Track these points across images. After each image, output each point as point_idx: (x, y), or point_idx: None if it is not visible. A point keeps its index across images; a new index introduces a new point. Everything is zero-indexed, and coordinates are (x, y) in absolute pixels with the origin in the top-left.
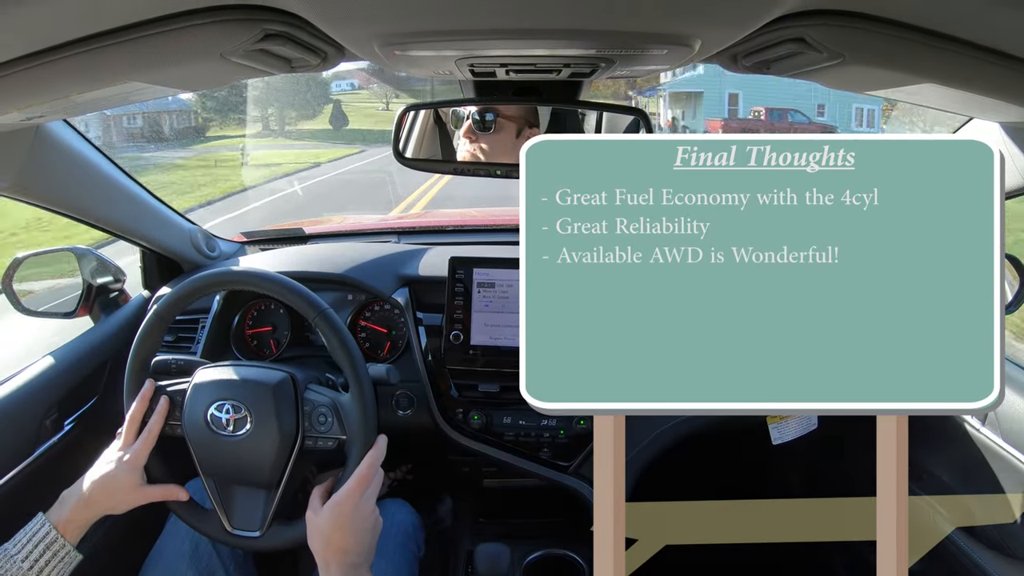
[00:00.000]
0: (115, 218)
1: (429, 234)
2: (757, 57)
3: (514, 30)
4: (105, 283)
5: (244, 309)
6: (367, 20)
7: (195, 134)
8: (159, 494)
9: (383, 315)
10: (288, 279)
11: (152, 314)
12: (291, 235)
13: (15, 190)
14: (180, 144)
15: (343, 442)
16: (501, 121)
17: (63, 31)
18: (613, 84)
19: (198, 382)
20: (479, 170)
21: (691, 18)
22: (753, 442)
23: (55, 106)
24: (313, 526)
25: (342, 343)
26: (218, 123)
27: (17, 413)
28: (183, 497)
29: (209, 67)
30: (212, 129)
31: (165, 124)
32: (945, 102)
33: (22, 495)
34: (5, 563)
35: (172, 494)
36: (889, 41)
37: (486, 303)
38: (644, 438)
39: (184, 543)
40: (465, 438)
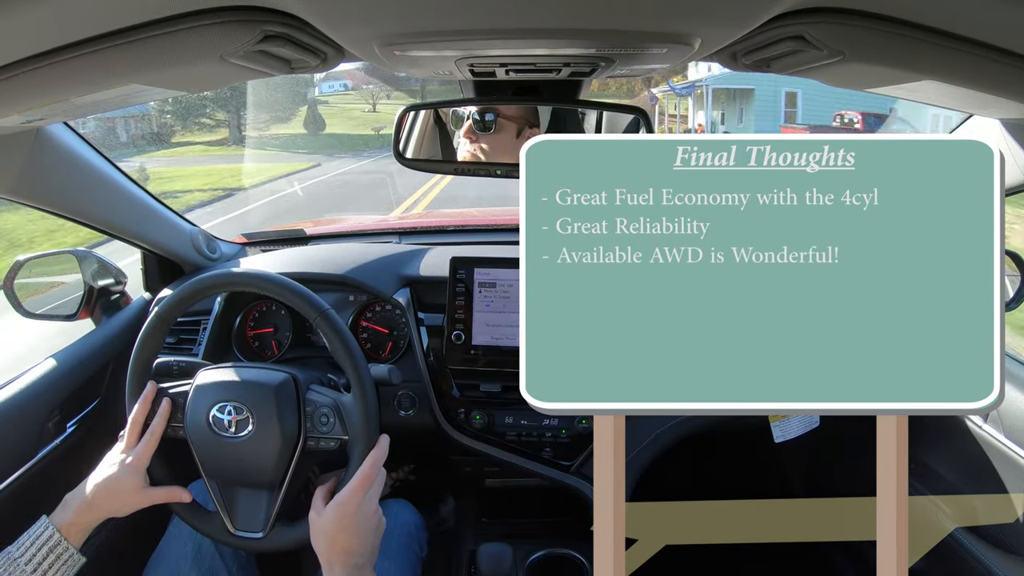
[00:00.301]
0: (116, 220)
1: (430, 234)
2: (757, 55)
3: (514, 30)
4: (106, 285)
5: (246, 310)
6: (367, 21)
7: (156, 140)
8: (162, 496)
9: (384, 315)
10: (289, 280)
11: (153, 316)
12: (292, 236)
13: (15, 193)
14: (138, 150)
15: (345, 442)
16: (501, 121)
17: (63, 34)
18: (627, 82)
19: (200, 384)
20: (479, 170)
21: (691, 17)
22: (754, 441)
23: (55, 109)
24: (316, 527)
25: (343, 344)
26: (181, 128)
27: (19, 416)
28: (186, 499)
29: (209, 69)
30: (177, 135)
31: (120, 128)
32: (945, 99)
33: (25, 497)
34: (8, 566)
35: (175, 496)
36: (889, 38)
37: (487, 303)
38: (644, 438)
39: (187, 545)
40: (467, 438)
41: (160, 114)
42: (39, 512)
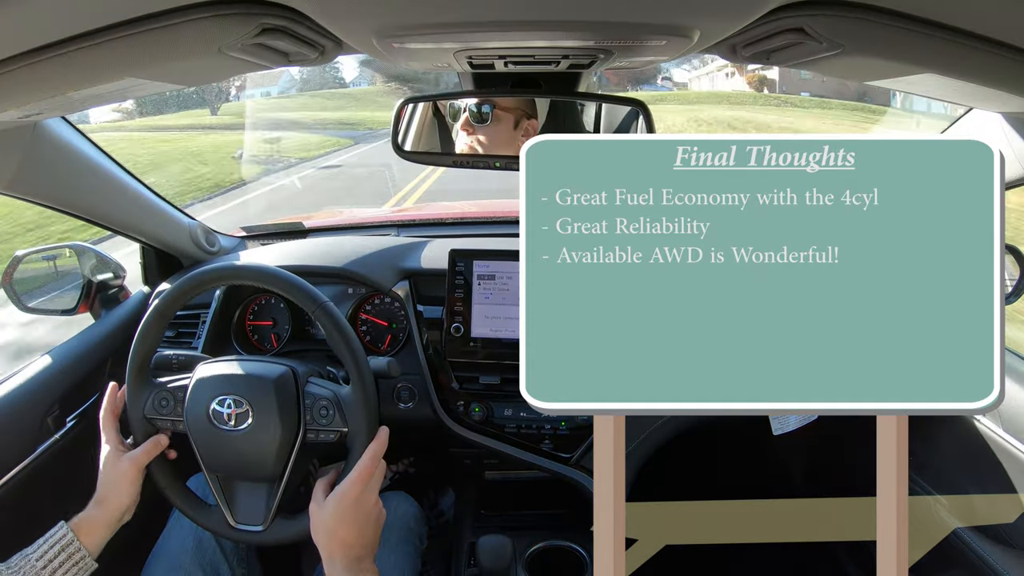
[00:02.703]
0: (115, 214)
1: (429, 227)
2: (756, 48)
3: (512, 22)
4: (105, 279)
5: (245, 304)
6: (365, 14)
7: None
8: (144, 453)
9: (383, 308)
10: (288, 273)
11: (152, 310)
12: (291, 229)
13: (14, 188)
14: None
15: (345, 435)
16: (498, 113)
17: (60, 28)
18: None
19: (199, 377)
20: (478, 162)
21: (690, 9)
22: (753, 435)
23: (53, 103)
24: (316, 519)
25: (343, 336)
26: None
27: (19, 411)
28: (164, 443)
29: (207, 62)
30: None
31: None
32: (945, 92)
33: (24, 492)
34: (20, 560)
35: (158, 445)
36: (888, 31)
37: (486, 295)
38: (642, 432)
39: (187, 538)
40: (466, 430)
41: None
42: (39, 507)
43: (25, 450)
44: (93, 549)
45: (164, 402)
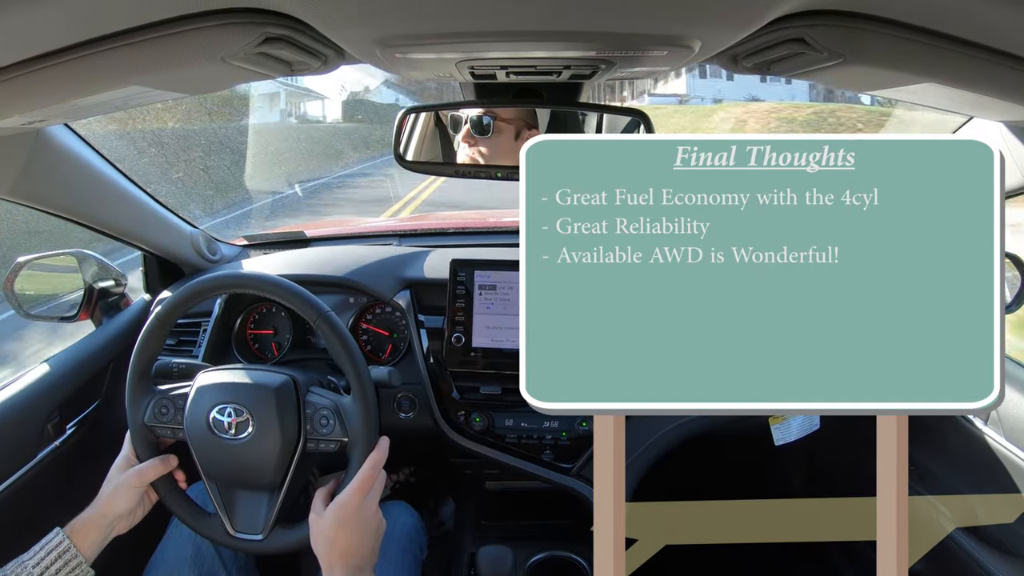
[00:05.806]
0: (117, 222)
1: (430, 236)
2: (757, 58)
3: (514, 32)
4: (106, 287)
5: (246, 312)
6: (367, 24)
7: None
8: (151, 469)
9: (384, 318)
10: (289, 282)
11: (154, 318)
12: (292, 238)
13: (16, 194)
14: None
15: (345, 444)
16: (499, 124)
17: (64, 35)
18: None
19: (200, 385)
20: (480, 173)
21: (691, 19)
22: (754, 444)
23: (56, 110)
24: (316, 529)
25: (343, 345)
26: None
27: (19, 417)
28: (173, 463)
29: (210, 70)
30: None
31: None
32: (946, 102)
33: (24, 499)
34: (17, 567)
35: (166, 463)
36: (889, 41)
37: (487, 305)
38: (644, 441)
39: (186, 547)
40: (467, 440)
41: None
42: (39, 513)
43: (25, 457)
44: (86, 551)
45: (164, 410)
